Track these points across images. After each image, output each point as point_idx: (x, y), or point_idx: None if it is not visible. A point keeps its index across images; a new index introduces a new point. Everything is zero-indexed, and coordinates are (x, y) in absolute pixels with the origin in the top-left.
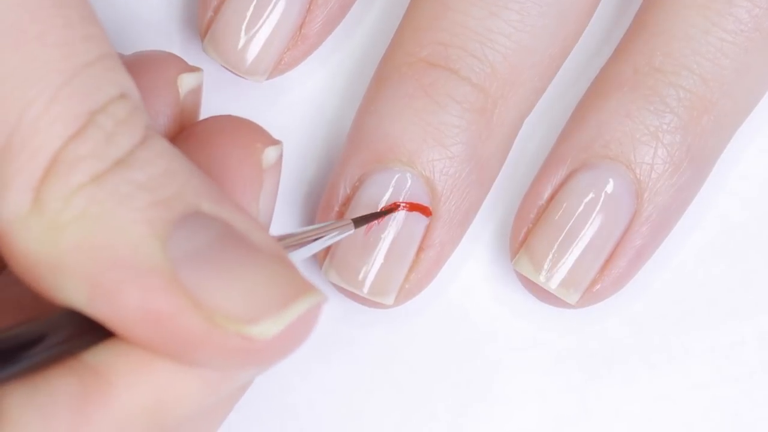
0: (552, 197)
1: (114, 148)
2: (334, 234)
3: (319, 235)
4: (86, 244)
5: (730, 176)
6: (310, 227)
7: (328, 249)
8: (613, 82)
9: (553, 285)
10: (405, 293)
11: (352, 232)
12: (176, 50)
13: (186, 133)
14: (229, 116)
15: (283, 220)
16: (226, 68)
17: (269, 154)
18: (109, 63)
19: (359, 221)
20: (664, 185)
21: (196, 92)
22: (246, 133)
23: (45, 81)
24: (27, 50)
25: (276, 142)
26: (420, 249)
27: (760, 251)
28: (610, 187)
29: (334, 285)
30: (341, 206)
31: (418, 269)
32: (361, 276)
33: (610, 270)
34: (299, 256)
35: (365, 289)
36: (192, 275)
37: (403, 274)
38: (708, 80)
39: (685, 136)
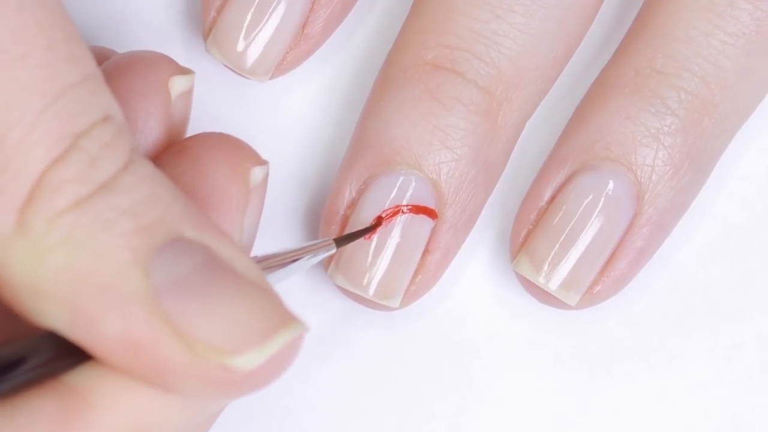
0: (552, 199)
1: (98, 172)
2: (316, 254)
3: (301, 256)
4: (69, 268)
5: (729, 177)
6: (292, 248)
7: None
8: (614, 83)
9: (553, 286)
10: (410, 295)
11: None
12: (179, 49)
13: (175, 148)
14: (220, 134)
15: (285, 223)
16: (229, 68)
17: (256, 173)
18: (93, 85)
19: (341, 241)
20: (665, 187)
21: (187, 95)
22: (235, 151)
23: (28, 103)
24: (10, 71)
25: (263, 162)
26: (426, 251)
27: (760, 252)
28: (610, 189)
29: (340, 288)
30: (347, 209)
31: (424, 272)
32: (367, 279)
33: (610, 271)
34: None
35: (371, 292)
36: (174, 303)
37: (409, 277)
38: (709, 82)
39: (686, 138)
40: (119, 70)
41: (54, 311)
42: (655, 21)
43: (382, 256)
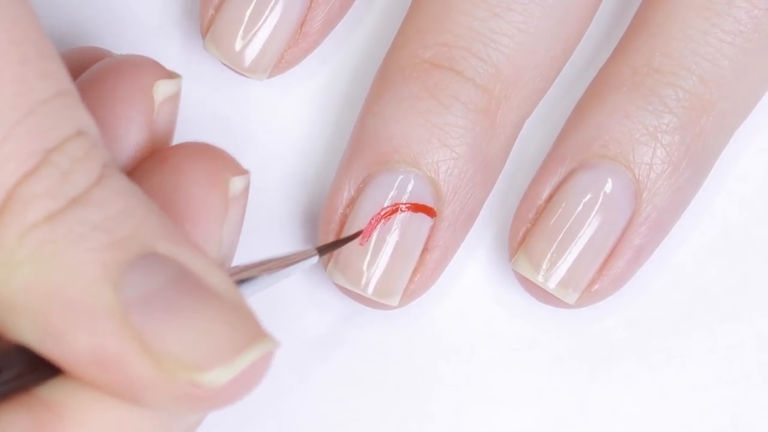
0: (551, 197)
1: (69, 187)
2: (299, 262)
3: (284, 265)
4: (38, 283)
5: (728, 177)
6: (275, 256)
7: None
8: (612, 82)
9: (551, 285)
10: (409, 294)
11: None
12: (177, 48)
13: (154, 158)
14: (200, 143)
15: (285, 222)
16: (228, 66)
17: (236, 183)
18: (66, 100)
19: (324, 249)
20: (663, 185)
21: (174, 99)
22: (214, 161)
23: None
24: None
25: (243, 172)
26: (425, 250)
27: (759, 252)
28: (608, 187)
29: (339, 287)
30: (345, 208)
31: (423, 270)
32: (366, 277)
33: (608, 270)
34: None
35: (370, 291)
36: (143, 319)
37: (407, 275)
38: (707, 81)
39: (684, 137)
40: (103, 75)
41: (24, 326)
42: (653, 20)
43: (380, 255)
